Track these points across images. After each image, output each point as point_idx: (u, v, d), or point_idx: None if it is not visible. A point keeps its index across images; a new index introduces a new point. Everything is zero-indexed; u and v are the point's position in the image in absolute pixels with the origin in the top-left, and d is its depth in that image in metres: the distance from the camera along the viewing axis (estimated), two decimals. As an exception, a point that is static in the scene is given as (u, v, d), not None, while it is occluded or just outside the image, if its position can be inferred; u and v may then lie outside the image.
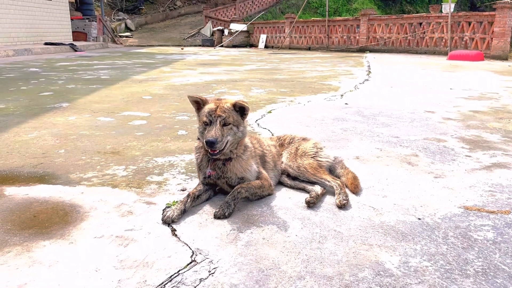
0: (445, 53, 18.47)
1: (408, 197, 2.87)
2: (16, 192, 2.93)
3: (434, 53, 19.34)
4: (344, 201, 2.68)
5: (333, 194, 2.87)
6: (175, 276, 1.95)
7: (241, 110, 2.63)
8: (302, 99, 7.03)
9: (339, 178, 3.02)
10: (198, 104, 2.64)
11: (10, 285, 1.88)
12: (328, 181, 2.88)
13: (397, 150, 4.01)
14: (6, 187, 3.02)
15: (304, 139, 3.25)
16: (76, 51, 21.81)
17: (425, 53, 19.64)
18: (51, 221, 2.49)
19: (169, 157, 3.85)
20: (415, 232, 2.38)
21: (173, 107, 6.24)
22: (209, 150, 2.52)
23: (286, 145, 3.23)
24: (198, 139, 2.80)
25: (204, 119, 2.55)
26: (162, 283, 1.91)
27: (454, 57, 16.46)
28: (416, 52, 19.99)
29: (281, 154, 3.15)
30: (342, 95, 7.46)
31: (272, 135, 4.49)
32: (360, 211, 2.64)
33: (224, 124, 2.53)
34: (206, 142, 2.47)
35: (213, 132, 2.48)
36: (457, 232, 2.39)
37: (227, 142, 2.54)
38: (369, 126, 5.08)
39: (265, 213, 2.60)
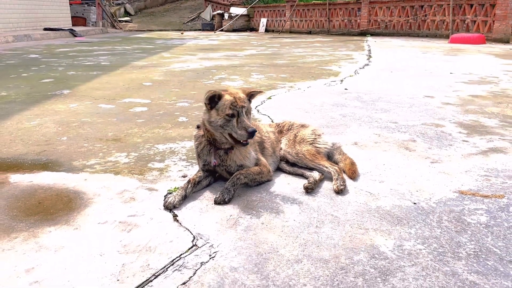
0: (447, 36, 18.34)
1: (404, 182, 2.89)
2: (21, 180, 2.95)
3: (435, 36, 19.21)
4: (342, 187, 2.71)
5: (331, 179, 2.88)
6: (177, 260, 1.98)
7: (249, 97, 2.68)
8: (302, 85, 6.96)
9: (337, 164, 3.04)
10: (213, 97, 2.61)
11: (18, 269, 1.91)
12: (326, 167, 2.90)
13: (395, 136, 4.01)
14: (11, 174, 3.05)
15: (302, 126, 3.25)
16: (75, 36, 21.69)
17: (426, 36, 19.52)
18: (56, 207, 2.52)
19: (170, 144, 3.85)
20: (410, 216, 2.41)
21: (173, 94, 6.19)
22: (242, 141, 2.56)
23: (285, 131, 3.22)
24: (198, 127, 2.84)
25: (229, 111, 2.54)
26: (165, 266, 1.93)
27: (455, 40, 16.36)
28: (418, 36, 19.86)
29: (280, 140, 3.16)
30: (342, 80, 7.41)
31: (272, 121, 4.47)
32: (357, 196, 2.67)
33: (246, 113, 2.58)
34: (250, 133, 2.49)
35: (249, 123, 2.53)
36: (451, 216, 2.41)
37: None
38: (368, 112, 5.06)
39: (264, 198, 2.63)
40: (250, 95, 2.65)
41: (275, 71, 8.45)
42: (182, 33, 24.96)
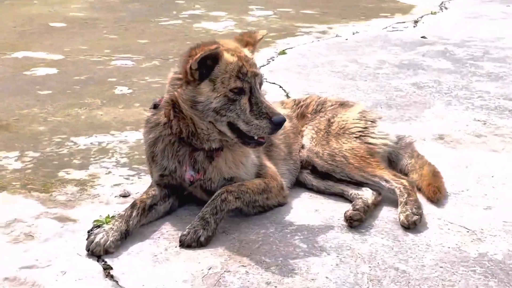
0: None
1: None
2: None
3: None
4: (415, 217, 2.29)
5: (394, 203, 2.47)
6: None
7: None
8: (343, 29, 5.68)
9: (406, 174, 2.64)
10: (205, 61, 2.19)
11: None
12: (386, 181, 2.48)
13: (514, 124, 3.53)
14: None
15: (342, 105, 2.80)
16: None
17: None
18: None
19: (99, 135, 3.23)
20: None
21: (106, 43, 5.09)
22: (256, 138, 2.18)
23: (310, 115, 2.79)
24: (156, 107, 2.37)
25: (236, 83, 2.15)
26: None
27: None
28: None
29: (301, 131, 2.75)
30: (416, 21, 6.06)
31: (287, 96, 3.82)
32: (443, 235, 2.28)
33: (259, 86, 2.25)
34: (278, 123, 2.13)
35: (272, 106, 2.17)
36: None
37: None
38: (464, 79, 4.20)
39: (271, 237, 2.25)
40: (252, 45, 2.33)
41: (293, 2, 7.05)
42: None
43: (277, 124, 2.14)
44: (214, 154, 2.29)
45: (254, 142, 2.21)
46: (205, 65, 2.19)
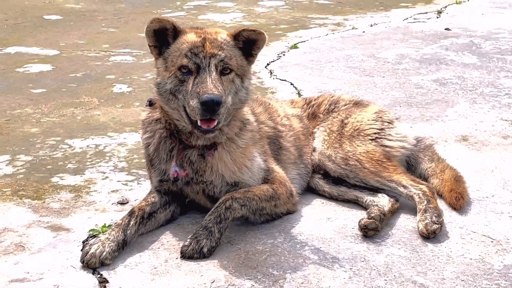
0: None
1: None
2: None
3: None
4: (435, 226, 2.20)
5: (412, 210, 2.40)
6: None
7: (247, 45, 2.18)
8: (360, 21, 5.53)
9: (426, 179, 2.55)
10: (164, 35, 2.16)
11: None
12: (404, 186, 2.41)
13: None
14: None
15: (357, 104, 2.71)
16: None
17: None
18: None
19: (96, 137, 3.15)
20: None
21: (104, 37, 4.96)
22: (199, 123, 2.04)
23: (322, 115, 2.70)
24: (151, 104, 2.30)
25: (184, 61, 2.06)
26: None
27: None
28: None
29: (313, 133, 2.68)
30: (439, 12, 5.86)
31: (298, 94, 3.71)
32: (466, 245, 2.19)
33: (222, 72, 2.10)
34: (203, 102, 1.96)
35: (211, 85, 1.99)
36: None
37: (225, 108, 2.12)
38: (491, 75, 4.06)
39: (279, 248, 2.17)
40: (246, 42, 2.16)
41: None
42: None
43: (203, 103, 1.98)
44: (206, 153, 2.20)
45: (200, 128, 2.08)
46: (164, 39, 2.14)
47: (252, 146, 2.32)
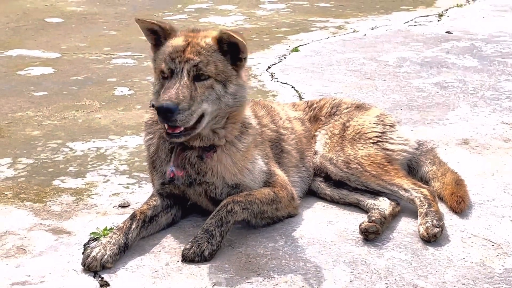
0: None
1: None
2: None
3: None
4: (435, 229, 2.21)
5: (413, 214, 2.41)
6: None
7: (232, 49, 2.16)
8: (361, 24, 5.56)
9: (427, 183, 2.56)
10: (156, 35, 2.22)
11: None
12: (405, 190, 2.42)
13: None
14: None
15: (359, 107, 2.73)
16: None
17: None
18: None
19: (97, 140, 3.16)
20: None
21: (106, 40, 5.02)
22: (165, 127, 2.09)
23: (323, 118, 2.71)
24: (153, 106, 2.32)
25: (162, 66, 2.11)
26: None
27: None
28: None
29: (315, 136, 2.69)
30: (440, 15, 5.90)
31: (299, 98, 3.72)
32: (466, 249, 2.20)
33: (198, 77, 2.09)
34: (157, 109, 2.02)
35: (173, 91, 2.03)
36: None
37: (203, 115, 2.10)
38: (492, 79, 4.07)
39: (280, 251, 2.19)
40: (230, 45, 2.13)
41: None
42: None
43: (157, 110, 2.04)
44: (204, 155, 2.21)
45: (166, 132, 2.10)
46: (158, 40, 2.19)
47: (254, 149, 2.32)
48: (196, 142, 2.20)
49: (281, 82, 3.97)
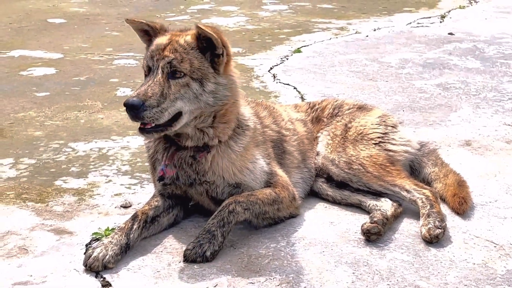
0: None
1: None
2: None
3: None
4: (437, 230, 2.20)
5: (415, 215, 2.41)
6: None
7: (210, 46, 2.13)
8: (364, 25, 5.57)
9: (429, 184, 2.56)
10: (149, 35, 2.24)
11: None
12: (407, 191, 2.42)
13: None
14: None
15: (361, 108, 2.73)
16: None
17: None
18: None
19: (99, 141, 3.18)
20: None
21: (108, 41, 5.02)
22: (140, 125, 2.11)
23: (325, 119, 2.72)
24: None
25: (144, 64, 2.16)
26: None
27: None
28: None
29: (317, 137, 2.69)
30: (443, 16, 5.90)
31: (301, 99, 3.72)
32: (468, 250, 2.20)
33: (173, 75, 2.08)
34: (124, 105, 2.01)
35: (142, 88, 2.05)
36: None
37: (180, 113, 2.08)
38: (494, 80, 4.06)
39: (282, 252, 2.19)
40: (208, 41, 2.09)
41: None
42: None
43: (124, 105, 2.03)
44: (196, 155, 2.20)
45: (139, 128, 2.12)
46: (150, 41, 2.20)
47: (254, 148, 2.32)
48: (188, 142, 2.19)
49: (283, 83, 3.99)
